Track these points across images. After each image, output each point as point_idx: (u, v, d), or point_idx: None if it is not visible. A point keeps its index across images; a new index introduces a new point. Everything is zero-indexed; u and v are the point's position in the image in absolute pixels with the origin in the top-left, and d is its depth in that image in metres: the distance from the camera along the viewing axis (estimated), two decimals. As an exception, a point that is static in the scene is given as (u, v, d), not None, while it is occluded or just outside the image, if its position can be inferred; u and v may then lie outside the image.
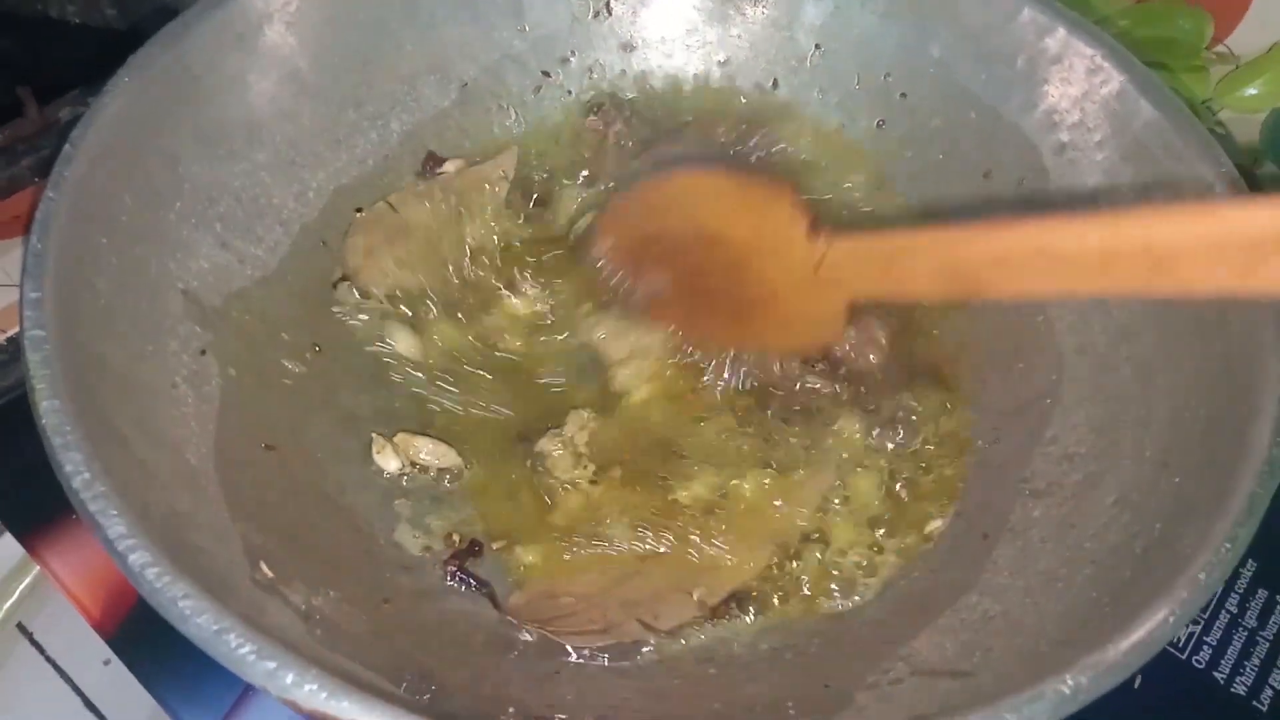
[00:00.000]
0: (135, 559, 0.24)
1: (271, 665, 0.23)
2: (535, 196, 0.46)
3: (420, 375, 0.41)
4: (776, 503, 0.37)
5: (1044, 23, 0.42)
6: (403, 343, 0.41)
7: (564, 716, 0.29)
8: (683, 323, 0.39)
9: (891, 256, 0.32)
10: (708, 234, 0.36)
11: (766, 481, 0.38)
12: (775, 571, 0.36)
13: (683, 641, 0.34)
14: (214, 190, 0.38)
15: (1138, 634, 0.25)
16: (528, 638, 0.33)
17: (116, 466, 0.27)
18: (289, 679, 0.23)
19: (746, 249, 0.35)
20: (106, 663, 0.40)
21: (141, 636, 0.39)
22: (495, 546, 0.36)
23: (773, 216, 0.34)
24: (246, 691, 0.38)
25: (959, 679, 0.29)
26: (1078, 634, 0.28)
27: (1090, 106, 0.41)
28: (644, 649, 0.33)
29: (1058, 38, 0.41)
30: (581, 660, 0.33)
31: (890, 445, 0.39)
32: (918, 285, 0.32)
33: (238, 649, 0.23)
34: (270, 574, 0.29)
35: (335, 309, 0.41)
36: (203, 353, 0.35)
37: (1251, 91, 0.59)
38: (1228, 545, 0.27)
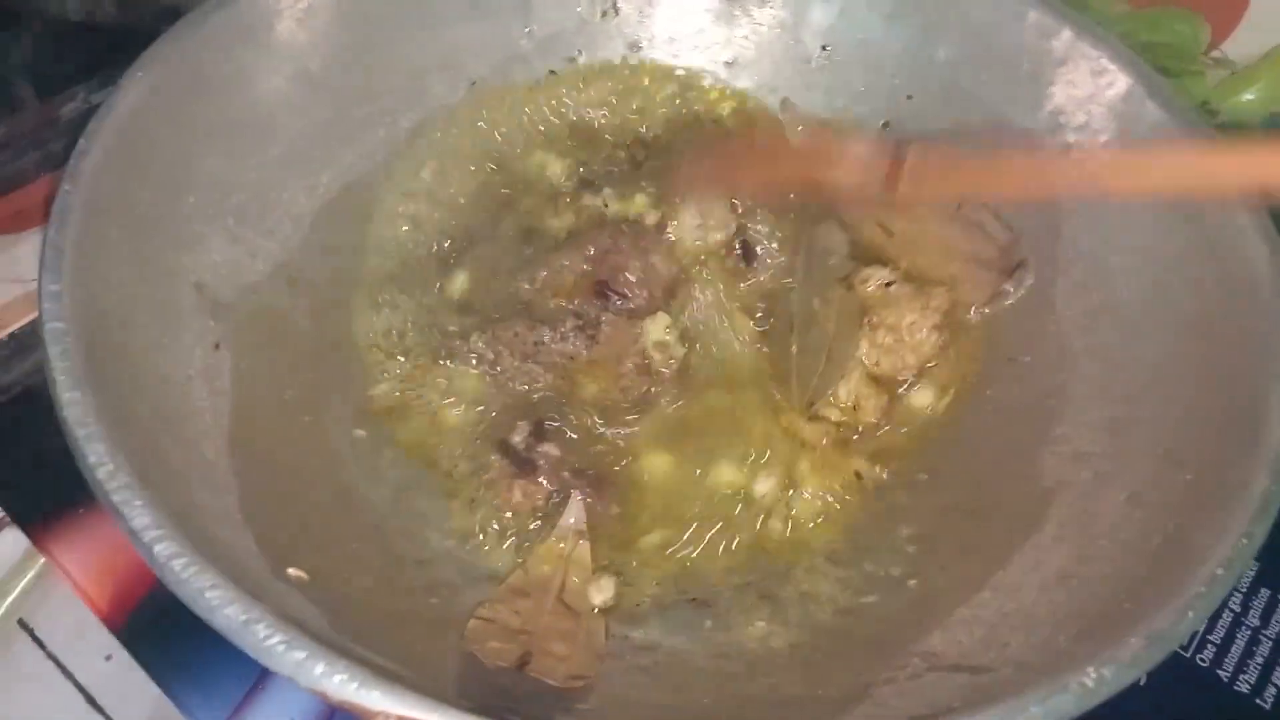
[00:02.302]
0: (161, 550, 0.24)
1: (301, 655, 0.23)
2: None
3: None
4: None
5: (1050, 25, 0.42)
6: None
7: (584, 707, 0.29)
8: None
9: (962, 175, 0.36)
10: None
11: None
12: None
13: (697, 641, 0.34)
14: (226, 185, 0.38)
15: (1158, 627, 0.26)
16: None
17: (137, 458, 0.27)
18: (319, 669, 0.23)
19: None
20: (108, 658, 0.40)
21: (150, 630, 0.38)
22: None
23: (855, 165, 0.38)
24: (258, 684, 0.37)
25: (978, 674, 0.29)
26: (1094, 629, 0.28)
27: (1096, 109, 0.41)
28: (661, 646, 0.33)
29: (1063, 40, 0.42)
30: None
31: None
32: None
33: (266, 640, 0.23)
34: (303, 575, 0.29)
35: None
36: (216, 346, 0.35)
37: (1248, 96, 0.59)
38: (1244, 541, 0.27)
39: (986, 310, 0.42)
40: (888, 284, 0.42)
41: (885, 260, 0.43)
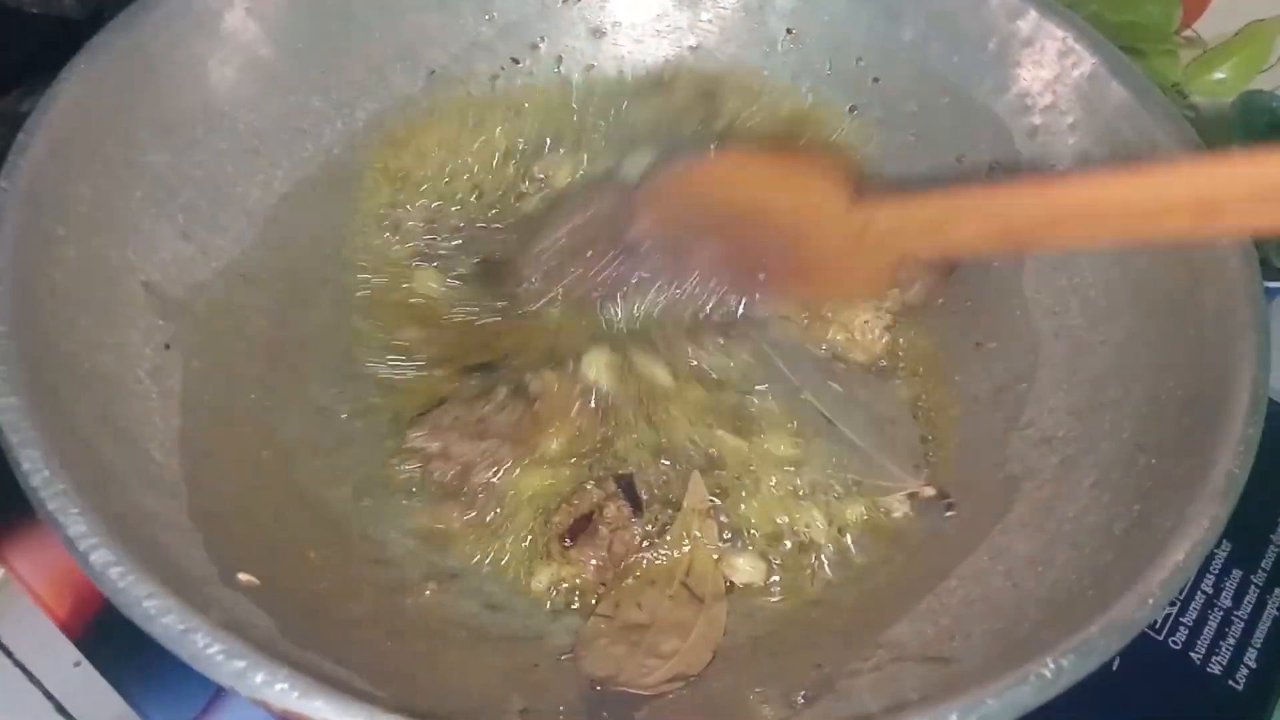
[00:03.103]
0: (97, 558, 0.23)
1: (240, 665, 0.22)
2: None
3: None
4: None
5: (1015, 5, 0.41)
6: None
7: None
8: (725, 280, 0.39)
9: (937, 219, 0.33)
10: (750, 211, 0.37)
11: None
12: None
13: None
14: (175, 179, 0.37)
15: (1118, 615, 0.25)
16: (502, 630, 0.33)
17: (77, 463, 0.26)
18: (259, 678, 0.22)
19: (790, 223, 0.36)
20: (76, 665, 0.39)
21: (110, 637, 0.38)
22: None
23: (815, 191, 0.35)
24: (219, 692, 0.37)
25: (940, 664, 0.29)
26: (1059, 617, 0.28)
27: (1062, 89, 0.41)
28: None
29: (1029, 20, 0.41)
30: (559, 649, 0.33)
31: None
32: (963, 244, 0.34)
33: (205, 649, 0.22)
34: (253, 580, 0.29)
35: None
36: (166, 346, 0.34)
37: (1219, 75, 0.59)
38: (1206, 525, 0.27)
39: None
40: None
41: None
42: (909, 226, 0.34)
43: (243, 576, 0.28)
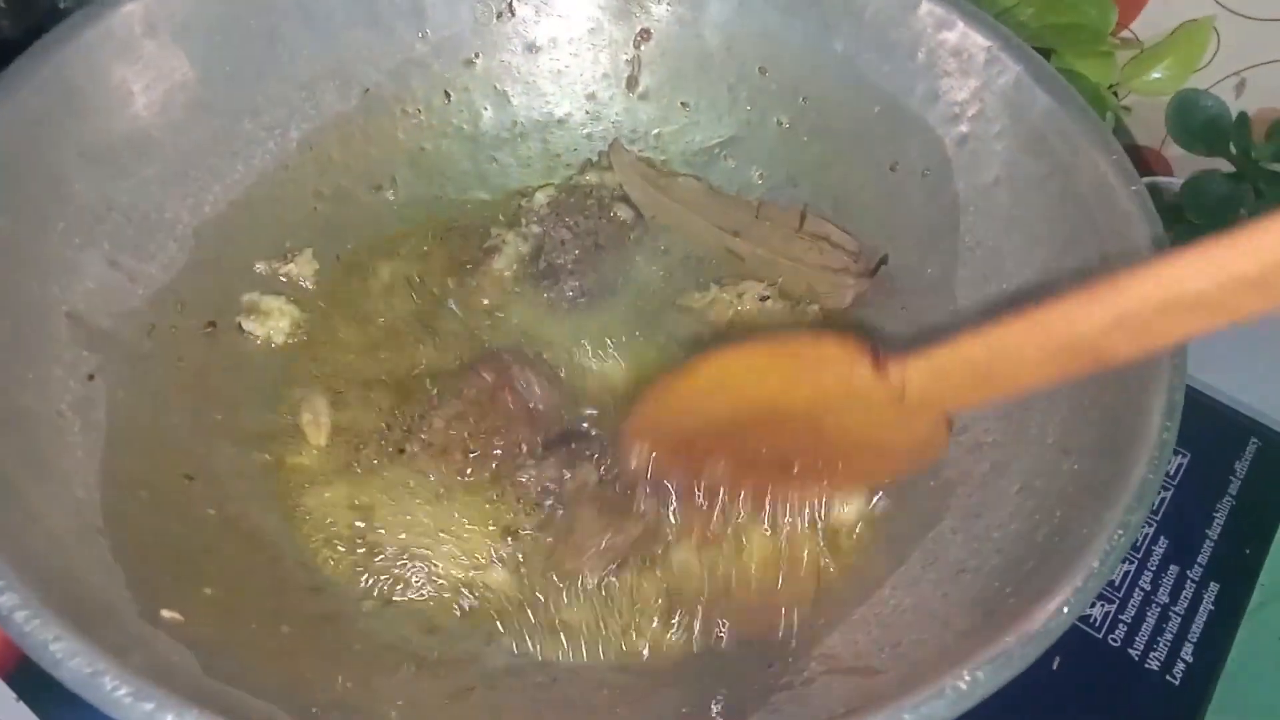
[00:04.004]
0: (3, 601, 0.23)
1: (149, 706, 0.22)
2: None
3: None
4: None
5: (942, 15, 0.42)
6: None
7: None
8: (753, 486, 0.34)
9: (987, 359, 0.27)
10: (762, 411, 0.31)
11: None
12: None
13: (600, 654, 0.34)
14: (100, 208, 0.37)
15: (1033, 625, 0.26)
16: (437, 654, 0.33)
17: (-10, 504, 0.26)
18: (168, 719, 0.22)
19: (812, 413, 0.31)
20: (18, 700, 0.39)
21: (42, 673, 0.37)
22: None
23: (830, 369, 0.29)
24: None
25: (868, 676, 0.29)
26: (981, 626, 0.28)
27: (989, 97, 0.41)
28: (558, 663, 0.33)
29: (956, 30, 0.42)
30: (494, 671, 0.33)
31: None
32: (1025, 379, 0.27)
33: (114, 691, 0.22)
34: (177, 616, 0.28)
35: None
36: (91, 378, 0.34)
37: (1156, 75, 0.60)
38: (1120, 532, 0.27)
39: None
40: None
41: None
42: (953, 376, 0.28)
43: (166, 613, 0.28)
